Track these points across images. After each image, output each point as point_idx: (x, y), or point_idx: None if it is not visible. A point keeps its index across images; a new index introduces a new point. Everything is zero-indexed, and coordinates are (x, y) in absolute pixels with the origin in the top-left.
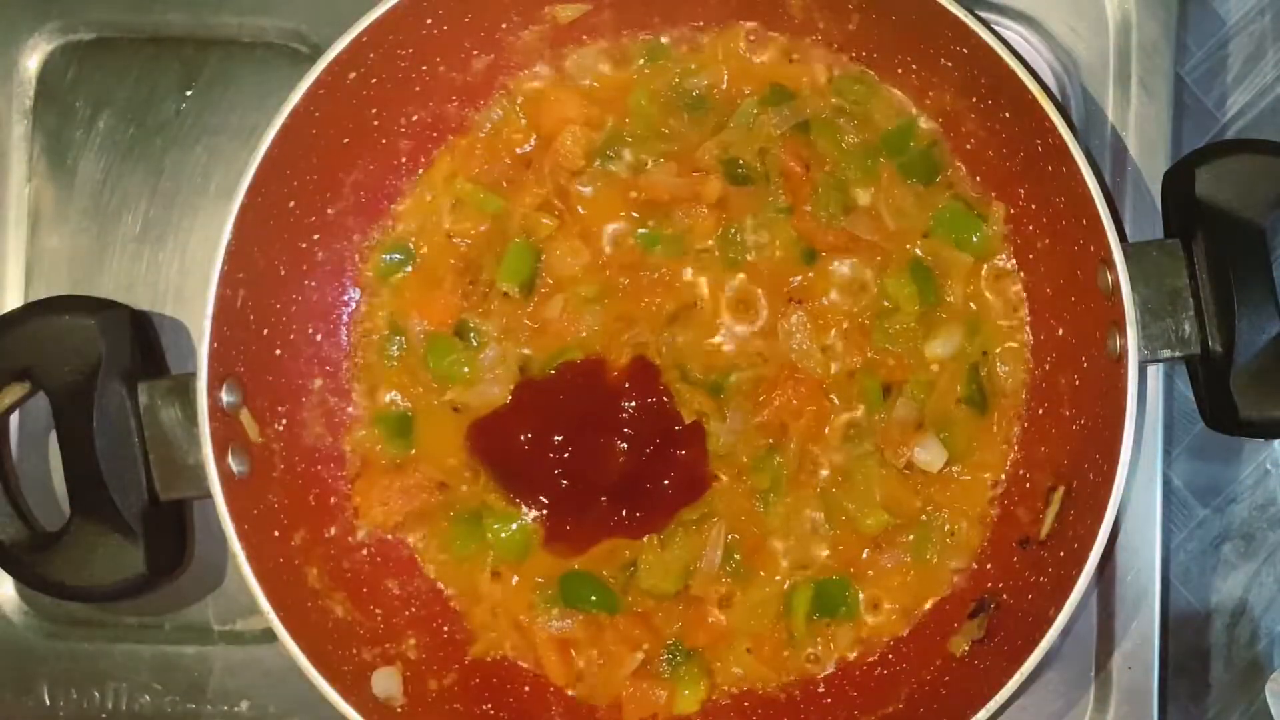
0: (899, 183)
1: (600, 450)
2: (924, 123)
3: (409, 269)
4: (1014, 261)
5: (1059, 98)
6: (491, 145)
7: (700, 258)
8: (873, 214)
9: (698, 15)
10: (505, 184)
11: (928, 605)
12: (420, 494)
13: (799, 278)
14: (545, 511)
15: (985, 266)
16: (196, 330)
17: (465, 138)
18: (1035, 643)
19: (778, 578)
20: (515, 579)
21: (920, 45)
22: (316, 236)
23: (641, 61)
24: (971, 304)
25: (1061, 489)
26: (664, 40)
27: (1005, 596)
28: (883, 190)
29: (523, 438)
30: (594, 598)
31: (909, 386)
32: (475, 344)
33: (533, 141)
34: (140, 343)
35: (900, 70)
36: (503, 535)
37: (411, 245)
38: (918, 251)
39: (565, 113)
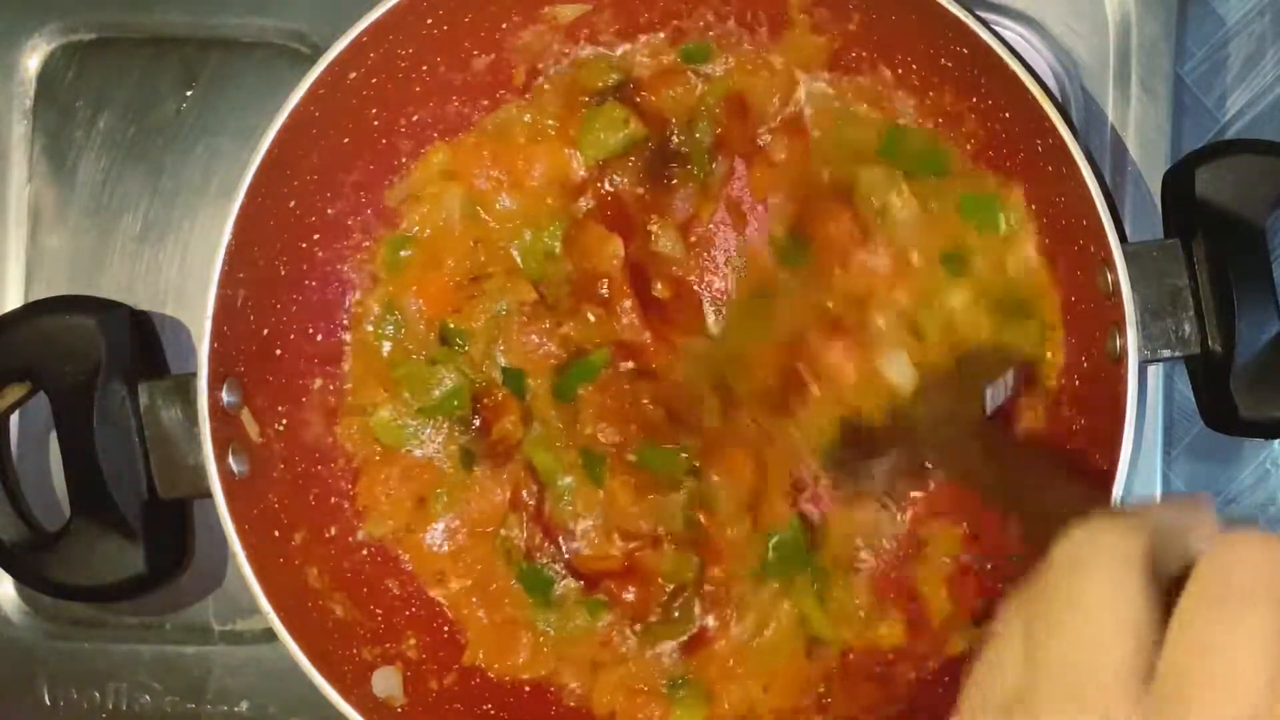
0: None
1: None
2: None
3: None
4: None
5: (1059, 98)
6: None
7: None
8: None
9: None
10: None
11: None
12: (420, 473)
13: None
14: None
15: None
16: (196, 330)
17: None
18: None
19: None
20: None
21: (920, 45)
22: (316, 236)
23: None
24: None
25: None
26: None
27: None
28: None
29: None
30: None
31: None
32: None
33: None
34: (140, 343)
35: (900, 70)
36: None
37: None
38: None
39: None
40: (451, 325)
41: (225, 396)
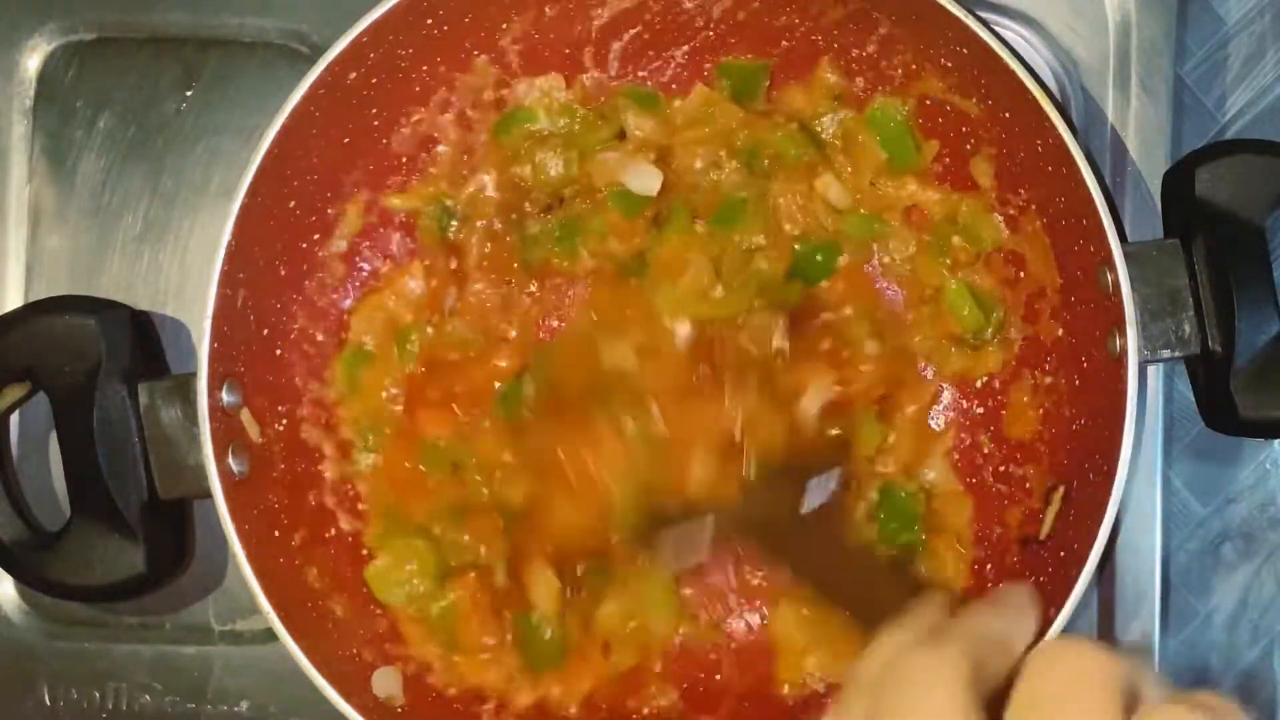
0: None
1: None
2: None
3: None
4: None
5: (1059, 98)
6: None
7: None
8: None
9: None
10: None
11: None
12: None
13: None
14: None
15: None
16: (196, 330)
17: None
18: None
19: None
20: None
21: (920, 45)
22: (316, 236)
23: None
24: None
25: (1061, 489)
26: None
27: None
28: None
29: None
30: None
31: None
32: None
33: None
34: (140, 343)
35: (900, 70)
36: None
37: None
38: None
39: None
40: None
41: (225, 396)
